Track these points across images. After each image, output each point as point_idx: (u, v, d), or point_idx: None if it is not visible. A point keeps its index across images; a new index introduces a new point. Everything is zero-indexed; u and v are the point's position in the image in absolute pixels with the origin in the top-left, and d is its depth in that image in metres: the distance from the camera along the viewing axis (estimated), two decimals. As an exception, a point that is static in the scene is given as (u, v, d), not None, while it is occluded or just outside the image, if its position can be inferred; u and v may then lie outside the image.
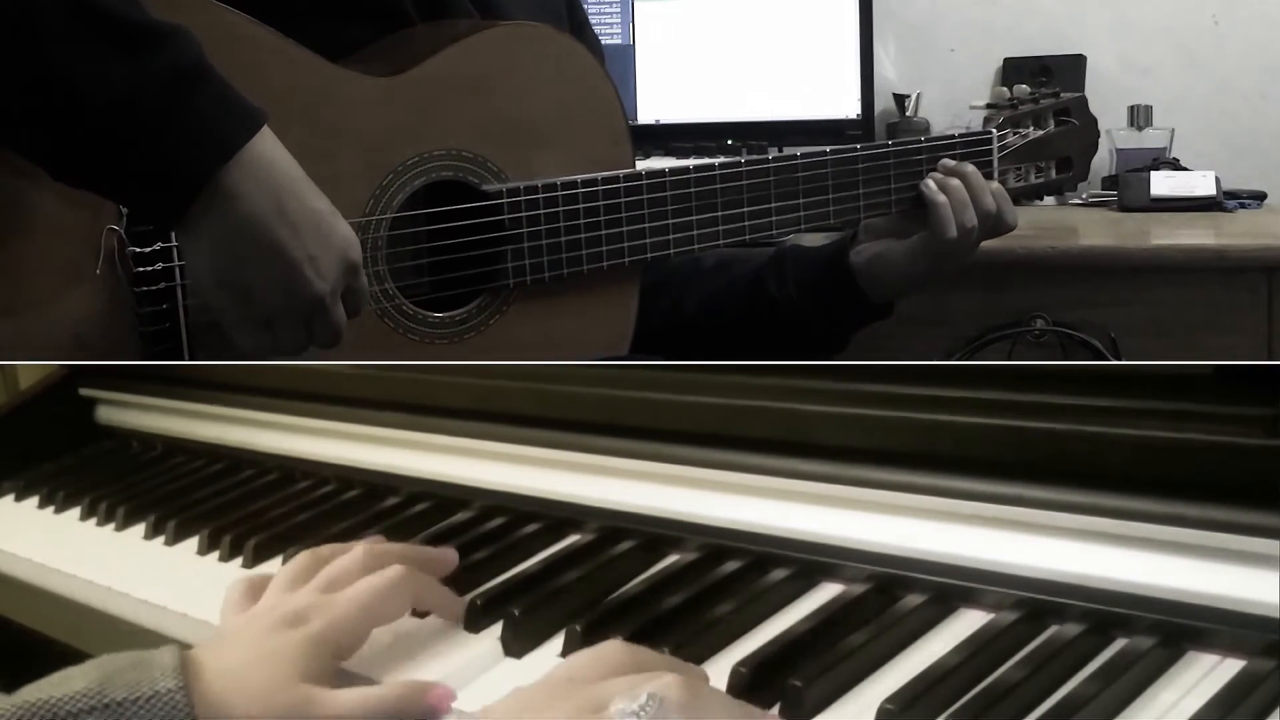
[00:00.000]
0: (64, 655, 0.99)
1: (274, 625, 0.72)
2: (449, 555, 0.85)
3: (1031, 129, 1.32)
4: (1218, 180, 1.76)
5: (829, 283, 1.25)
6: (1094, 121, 1.38)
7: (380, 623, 0.76)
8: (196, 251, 0.88)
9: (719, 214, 1.16)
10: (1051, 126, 1.34)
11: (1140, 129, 1.93)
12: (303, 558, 0.80)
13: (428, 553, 0.85)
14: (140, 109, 0.83)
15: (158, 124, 0.83)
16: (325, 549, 0.81)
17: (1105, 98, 1.95)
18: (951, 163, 1.23)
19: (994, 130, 1.29)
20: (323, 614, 0.73)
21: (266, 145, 0.88)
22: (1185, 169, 1.83)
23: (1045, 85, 1.40)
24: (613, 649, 0.66)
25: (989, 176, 1.25)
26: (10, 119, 0.83)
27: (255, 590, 0.79)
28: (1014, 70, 2.03)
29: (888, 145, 1.23)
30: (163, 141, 0.83)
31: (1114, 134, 1.92)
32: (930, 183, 1.22)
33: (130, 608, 0.95)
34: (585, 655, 0.66)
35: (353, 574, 0.77)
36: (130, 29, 0.83)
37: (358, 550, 0.80)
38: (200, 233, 0.87)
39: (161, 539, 1.08)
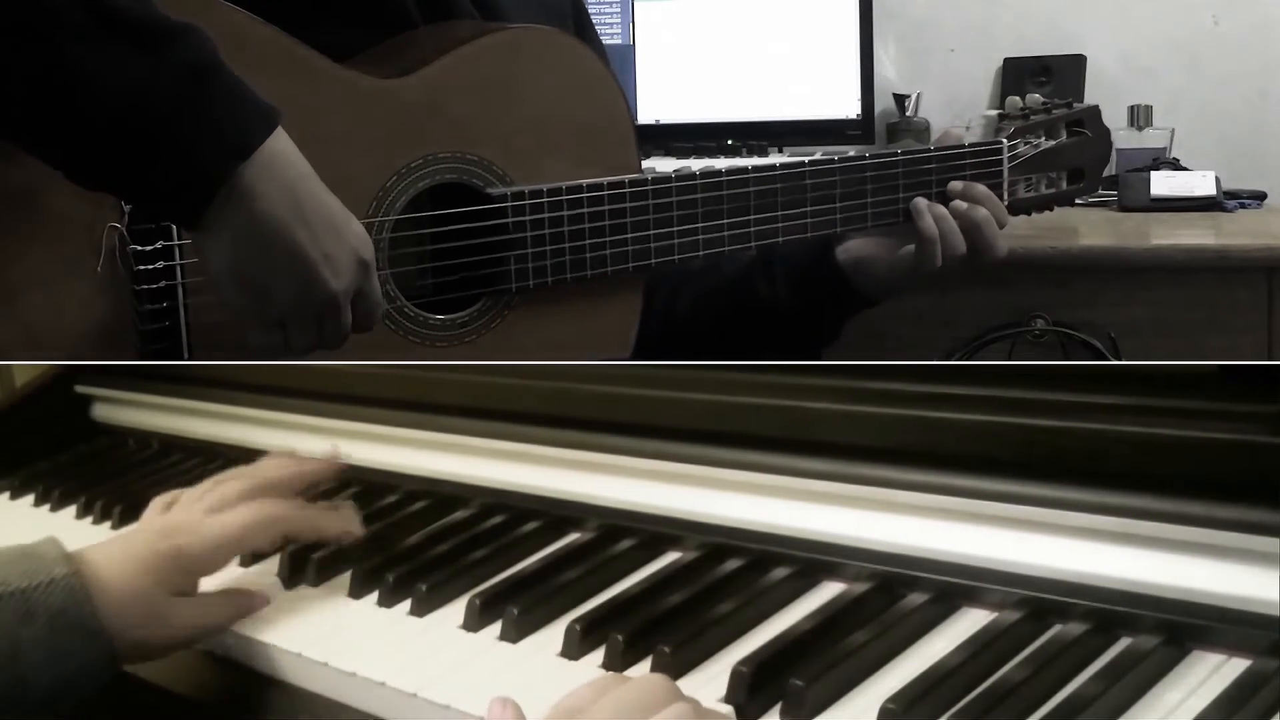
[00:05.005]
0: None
1: (157, 533, 0.84)
2: (352, 519, 0.94)
3: (1043, 139, 1.29)
4: (1218, 180, 1.76)
5: (817, 281, 1.25)
6: (1107, 133, 1.36)
7: (245, 551, 0.91)
8: (215, 251, 0.88)
9: (724, 220, 1.14)
10: (1064, 137, 1.31)
11: (1140, 129, 1.93)
12: (219, 477, 0.93)
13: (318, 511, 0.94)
14: (156, 107, 0.82)
15: (174, 122, 0.82)
16: (247, 469, 0.95)
17: (1105, 98, 1.94)
18: (960, 185, 1.22)
19: (1004, 140, 1.26)
20: (193, 534, 0.84)
21: (282, 144, 0.87)
22: (1185, 169, 1.83)
23: (1045, 85, 1.38)
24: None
25: (999, 186, 1.24)
26: (26, 120, 0.83)
27: (172, 503, 0.91)
28: (1014, 70, 2.03)
29: (896, 154, 1.21)
30: (180, 140, 0.83)
31: (1114, 134, 1.91)
32: (922, 209, 1.20)
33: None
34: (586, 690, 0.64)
35: (232, 500, 0.88)
36: (145, 27, 0.82)
37: (249, 475, 0.93)
38: (218, 232, 0.86)
39: (159, 537, 1.07)
